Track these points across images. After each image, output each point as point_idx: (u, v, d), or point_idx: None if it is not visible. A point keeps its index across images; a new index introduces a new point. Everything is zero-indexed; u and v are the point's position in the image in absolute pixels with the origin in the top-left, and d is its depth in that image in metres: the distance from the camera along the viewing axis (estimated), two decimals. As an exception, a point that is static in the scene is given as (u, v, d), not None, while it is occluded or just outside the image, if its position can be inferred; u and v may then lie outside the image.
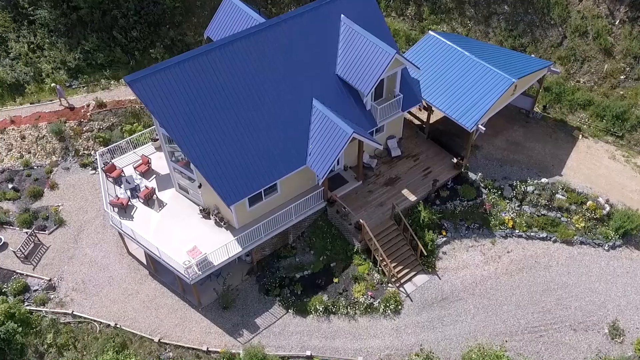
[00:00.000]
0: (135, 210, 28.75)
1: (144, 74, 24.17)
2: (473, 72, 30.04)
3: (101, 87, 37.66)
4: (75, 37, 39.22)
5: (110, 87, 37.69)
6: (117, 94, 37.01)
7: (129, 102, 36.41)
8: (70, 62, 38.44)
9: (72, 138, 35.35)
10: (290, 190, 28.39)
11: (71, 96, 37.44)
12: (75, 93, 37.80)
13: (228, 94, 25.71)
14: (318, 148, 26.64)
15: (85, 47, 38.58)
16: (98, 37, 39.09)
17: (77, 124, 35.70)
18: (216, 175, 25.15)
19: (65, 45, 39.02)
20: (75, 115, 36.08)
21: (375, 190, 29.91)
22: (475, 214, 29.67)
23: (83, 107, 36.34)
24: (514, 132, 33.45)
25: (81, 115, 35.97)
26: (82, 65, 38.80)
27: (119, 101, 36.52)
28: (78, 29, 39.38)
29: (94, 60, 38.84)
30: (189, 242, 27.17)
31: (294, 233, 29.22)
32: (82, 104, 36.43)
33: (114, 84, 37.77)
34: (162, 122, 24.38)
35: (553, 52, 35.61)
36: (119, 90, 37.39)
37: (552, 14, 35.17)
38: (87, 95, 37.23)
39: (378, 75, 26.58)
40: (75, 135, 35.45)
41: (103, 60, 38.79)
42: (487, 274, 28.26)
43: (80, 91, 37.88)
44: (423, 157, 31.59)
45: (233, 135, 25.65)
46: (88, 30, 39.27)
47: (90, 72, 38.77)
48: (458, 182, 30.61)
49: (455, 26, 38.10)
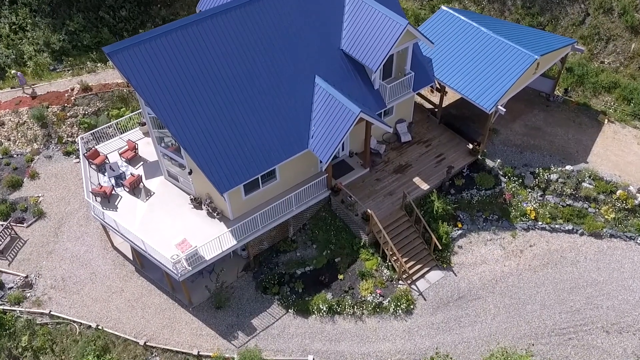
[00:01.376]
0: (120, 200, 26.09)
1: (126, 44, 21.51)
2: (491, 49, 27.39)
3: (87, 70, 34.99)
4: (59, 17, 36.59)
5: (96, 70, 35.02)
6: (104, 77, 34.35)
7: (116, 85, 33.75)
8: (54, 43, 35.80)
9: (55, 124, 32.69)
10: (290, 178, 25.74)
11: (55, 80, 34.79)
12: (60, 76, 35.13)
13: (221, 69, 23.05)
14: (321, 130, 23.98)
15: (70, 28, 35.94)
16: (84, 17, 36.49)
17: (61, 109, 33.03)
18: (208, 160, 22.49)
19: (49, 25, 36.39)
20: (58, 99, 33.42)
21: (384, 179, 27.24)
22: (493, 205, 27.01)
23: (67, 91, 33.66)
24: (533, 116, 30.79)
25: (65, 100, 33.29)
26: (66, 47, 36.18)
27: (105, 84, 33.85)
28: (63, 8, 36.75)
29: (79, 42, 36.23)
30: (178, 235, 24.53)
31: (295, 225, 26.56)
32: (66, 88, 33.77)
33: (100, 67, 35.11)
34: (147, 100, 21.72)
35: (575, 31, 32.95)
36: (105, 73, 34.72)
37: (574, -11, 32.49)
38: (71, 79, 34.57)
39: (388, 49, 23.90)
40: (59, 121, 32.78)
41: (89, 41, 36.17)
42: (508, 270, 25.59)
43: (64, 74, 35.23)
44: (435, 142, 28.93)
45: (227, 115, 22.99)
46: (74, 10, 36.64)
47: (75, 55, 36.14)
48: (474, 169, 27.96)
49: (467, 4, 35.44)
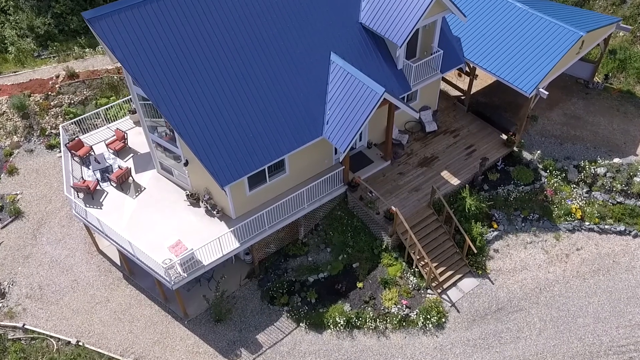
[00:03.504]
0: (105, 197, 22.70)
1: (110, 9, 18.21)
2: (528, 26, 24.08)
3: (74, 57, 31.72)
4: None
5: (84, 56, 31.73)
6: (93, 64, 31.06)
7: (106, 72, 30.44)
8: (38, 27, 32.53)
9: (37, 115, 29.34)
10: (301, 171, 22.37)
11: (39, 67, 31.52)
12: (44, 63, 31.87)
13: (222, 42, 19.76)
14: (338, 114, 20.64)
15: (57, 10, 32.70)
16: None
17: (44, 98, 29.69)
18: (206, 147, 19.14)
19: (33, 8, 33.14)
20: (42, 87, 30.09)
21: (408, 172, 23.86)
22: (533, 202, 23.62)
23: (52, 78, 30.35)
24: (572, 104, 27.46)
25: (49, 88, 29.96)
26: (52, 31, 32.92)
27: (93, 71, 30.52)
28: (48, -11, 33.51)
29: (66, 26, 32.96)
30: (172, 236, 21.14)
31: (306, 226, 23.15)
32: (50, 75, 30.48)
33: (89, 52, 31.82)
34: (135, 75, 18.40)
35: (615, 11, 29.70)
36: (94, 60, 31.44)
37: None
38: (56, 66, 31.29)
39: (416, 19, 20.61)
40: (42, 112, 29.44)
41: (77, 25, 32.92)
42: (554, 277, 22.16)
43: (49, 61, 31.96)
44: (464, 132, 25.57)
45: (228, 96, 19.67)
46: (61, -9, 33.41)
47: (62, 40, 32.88)
48: (509, 163, 24.60)
49: (493, -16, 32.10)
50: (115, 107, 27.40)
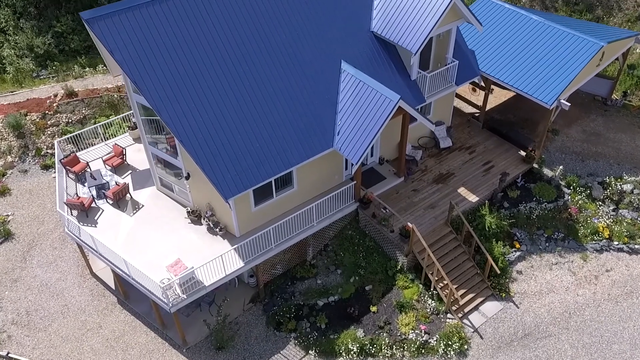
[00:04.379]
0: (101, 214, 21.26)
1: (110, 10, 17.21)
2: (546, 39, 23.17)
3: (74, 76, 30.80)
4: (46, 19, 32.72)
5: (84, 75, 30.81)
6: (93, 82, 30.11)
7: (106, 90, 29.45)
8: (38, 47, 31.74)
9: (33, 134, 28.18)
10: (310, 186, 21.01)
11: (37, 86, 30.57)
12: (43, 83, 30.93)
13: (228, 47, 18.73)
14: (350, 124, 19.43)
15: (57, 29, 31.98)
16: (73, 19, 32.57)
17: (41, 117, 28.59)
18: (210, 157, 17.83)
19: (34, 28, 32.44)
20: (39, 106, 29.04)
21: (423, 189, 22.48)
22: (557, 221, 22.14)
23: (49, 97, 29.34)
24: (591, 121, 26.30)
25: (46, 107, 28.91)
26: (52, 51, 32.12)
27: (93, 90, 29.53)
28: (50, 10, 32.91)
29: (66, 45, 32.19)
30: (171, 255, 19.60)
31: (315, 246, 21.62)
32: (48, 94, 29.49)
33: (89, 71, 30.90)
34: (135, 79, 17.25)
35: (630, 28, 28.89)
36: (94, 79, 30.51)
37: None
38: (55, 85, 30.33)
39: (431, 25, 19.64)
40: (38, 131, 28.28)
41: (77, 45, 32.15)
42: (583, 300, 20.48)
43: (48, 81, 31.03)
44: (480, 149, 24.31)
45: (234, 103, 18.50)
46: (62, 11, 32.80)
47: (62, 60, 32.04)
48: (529, 179, 23.25)
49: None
50: (115, 125, 26.30)
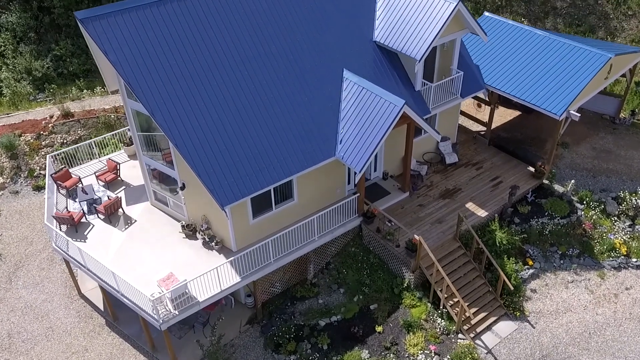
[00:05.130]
0: (91, 229, 20.22)
1: (105, 11, 16.73)
2: (552, 52, 22.75)
3: (71, 98, 30.31)
4: (45, 43, 32.54)
5: (82, 97, 30.32)
6: (90, 104, 29.59)
7: (103, 111, 28.90)
8: (36, 70, 31.40)
9: (26, 155, 27.42)
10: (311, 200, 20.04)
11: (33, 109, 30.06)
12: (39, 105, 30.43)
13: (227, 52, 18.17)
14: (353, 132, 18.65)
15: (56, 52, 31.72)
16: (73, 42, 32.40)
17: (35, 138, 27.91)
18: (206, 163, 16.96)
19: (33, 52, 32.21)
20: (34, 127, 28.41)
21: (429, 204, 21.49)
22: (570, 237, 21.06)
23: (45, 118, 28.77)
24: (600, 139, 25.57)
25: (41, 128, 28.28)
26: (51, 74, 31.76)
27: (90, 110, 29.00)
28: (50, 34, 32.78)
29: (65, 69, 31.85)
30: (163, 270, 18.44)
31: (316, 263, 20.46)
32: (44, 116, 28.93)
33: (87, 93, 30.43)
34: (129, 79, 16.59)
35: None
36: (92, 100, 30.01)
37: (630, 2, 28.50)
38: (51, 107, 29.82)
39: (436, 30, 19.15)
40: (32, 152, 27.54)
41: (77, 68, 31.82)
42: (603, 319, 19.16)
43: (45, 104, 30.53)
44: (487, 165, 23.47)
45: (232, 108, 17.78)
46: (62, 36, 32.66)
47: (60, 83, 31.64)
48: (540, 195, 22.30)
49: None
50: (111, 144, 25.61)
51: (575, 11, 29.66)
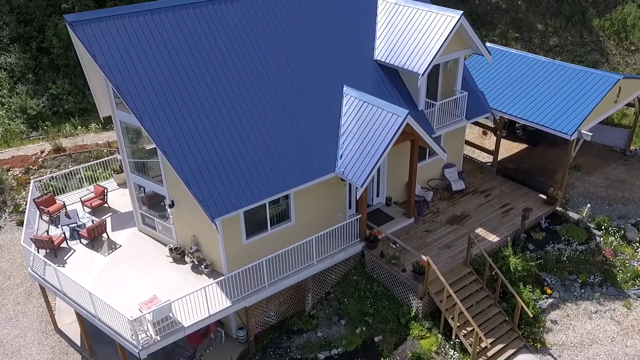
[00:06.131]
0: (72, 254, 18.72)
1: (96, 16, 16.16)
2: (558, 76, 22.19)
3: (64, 135, 29.56)
4: (43, 82, 32.25)
5: (76, 134, 29.58)
6: (84, 139, 28.80)
7: (96, 145, 28.04)
8: (31, 108, 30.87)
9: (13, 189, 26.28)
10: (310, 221, 18.67)
11: (24, 145, 29.24)
12: (31, 142, 29.63)
13: (222, 62, 17.48)
14: (354, 146, 17.61)
15: (53, 91, 31.33)
16: (71, 82, 32.09)
17: (24, 172, 26.87)
18: (197, 172, 15.79)
19: (29, 91, 31.83)
20: (23, 162, 27.45)
21: (436, 230, 20.07)
22: (590, 264, 19.48)
23: (36, 153, 27.89)
24: (612, 170, 24.48)
25: (31, 162, 27.31)
26: (46, 113, 31.19)
27: (82, 145, 28.15)
28: (48, 74, 32.55)
29: (61, 107, 31.32)
30: (147, 295, 16.78)
31: (315, 293, 18.77)
32: (35, 151, 28.07)
33: (81, 130, 29.70)
34: (116, 83, 15.74)
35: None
36: (86, 137, 29.25)
37: (632, 37, 28.33)
38: (43, 144, 29.02)
39: (440, 43, 18.54)
40: (19, 186, 26.41)
41: (72, 106, 31.29)
42: (634, 352, 17.23)
43: (37, 141, 29.75)
44: (496, 192, 22.23)
45: (226, 118, 16.84)
46: (60, 75, 32.42)
47: (55, 122, 31.01)
48: (554, 222, 20.92)
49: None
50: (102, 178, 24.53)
51: (577, 48, 29.48)
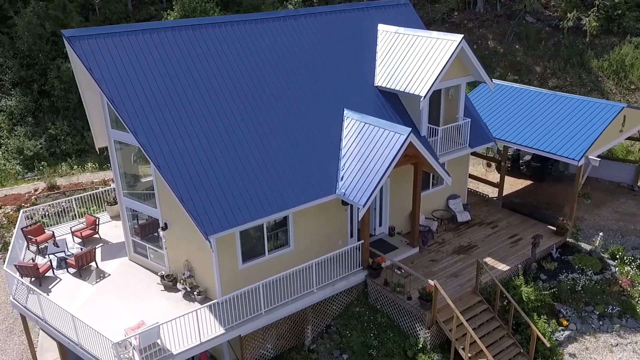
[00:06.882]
0: (57, 283, 17.69)
1: (94, 32, 16.03)
2: (561, 106, 22.02)
3: (60, 174, 29.07)
4: (42, 124, 32.14)
5: (72, 173, 29.08)
6: (79, 178, 28.27)
7: (91, 183, 27.46)
8: (28, 149, 30.57)
9: (3, 227, 25.48)
10: (309, 247, 17.78)
11: (18, 184, 28.69)
12: (26, 182, 29.10)
13: (221, 82, 17.22)
14: (355, 167, 17.02)
15: (52, 131, 31.14)
16: (70, 124, 31.98)
17: (15, 210, 26.14)
18: (192, 188, 15.11)
19: (28, 132, 31.66)
20: (16, 200, 26.80)
21: (442, 259, 19.11)
22: (607, 295, 18.37)
23: (29, 191, 27.30)
24: (621, 204, 23.78)
25: (24, 200, 26.65)
26: (42, 154, 30.85)
27: (77, 183, 27.59)
28: (48, 116, 32.52)
29: (58, 148, 31.02)
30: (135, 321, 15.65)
31: (315, 325, 17.56)
32: (29, 190, 27.50)
33: (77, 170, 29.22)
34: (113, 97, 15.35)
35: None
36: (82, 176, 28.74)
37: (631, 76, 28.42)
38: (37, 183, 28.48)
39: (441, 65, 18.35)
40: (9, 224, 25.61)
41: (70, 147, 31.00)
42: (662, 386, 15.87)
43: (32, 181, 29.23)
44: (504, 224, 21.42)
45: (223, 136, 16.36)
46: (59, 117, 32.37)
47: (51, 162, 30.61)
48: (566, 252, 19.99)
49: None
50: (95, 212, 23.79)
51: (576, 88, 29.51)
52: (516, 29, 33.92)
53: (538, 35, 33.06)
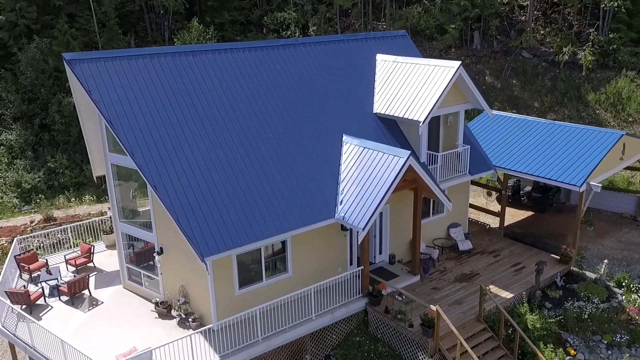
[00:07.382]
0: (48, 311, 17.20)
1: (95, 56, 16.16)
2: (560, 134, 22.01)
3: (57, 207, 28.86)
4: (41, 158, 32.13)
5: (69, 206, 28.86)
6: (76, 210, 28.03)
7: (88, 215, 27.19)
8: (26, 182, 30.44)
9: (-3, 260, 25.05)
10: (308, 274, 17.38)
11: (15, 217, 28.43)
12: (22, 215, 28.85)
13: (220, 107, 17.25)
14: (354, 191, 16.83)
15: (50, 164, 31.09)
16: (69, 157, 31.97)
17: (10, 242, 25.78)
18: (188, 210, 14.88)
19: (27, 166, 31.61)
20: (11, 232, 26.50)
21: (444, 287, 18.65)
22: (614, 323, 17.82)
23: (25, 223, 27.02)
24: (624, 234, 23.46)
25: (19, 232, 26.33)
26: (40, 187, 30.70)
27: (74, 215, 27.32)
28: (47, 149, 32.54)
29: (56, 181, 30.89)
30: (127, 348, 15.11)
31: (314, 355, 16.96)
32: (25, 222, 27.23)
33: (74, 202, 29.01)
34: (110, 118, 15.33)
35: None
36: (79, 208, 28.51)
37: (629, 109, 28.58)
38: (34, 215, 28.23)
39: (440, 91, 18.42)
40: (4, 256, 25.21)
41: (68, 180, 30.87)
42: (677, 417, 15.16)
43: (29, 213, 28.99)
44: (506, 253, 21.04)
45: (221, 158, 16.25)
46: (59, 151, 32.38)
47: (49, 195, 30.43)
48: (571, 281, 19.56)
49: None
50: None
51: (575, 122, 29.64)
52: (513, 65, 34.41)
53: (535, 70, 33.50)
